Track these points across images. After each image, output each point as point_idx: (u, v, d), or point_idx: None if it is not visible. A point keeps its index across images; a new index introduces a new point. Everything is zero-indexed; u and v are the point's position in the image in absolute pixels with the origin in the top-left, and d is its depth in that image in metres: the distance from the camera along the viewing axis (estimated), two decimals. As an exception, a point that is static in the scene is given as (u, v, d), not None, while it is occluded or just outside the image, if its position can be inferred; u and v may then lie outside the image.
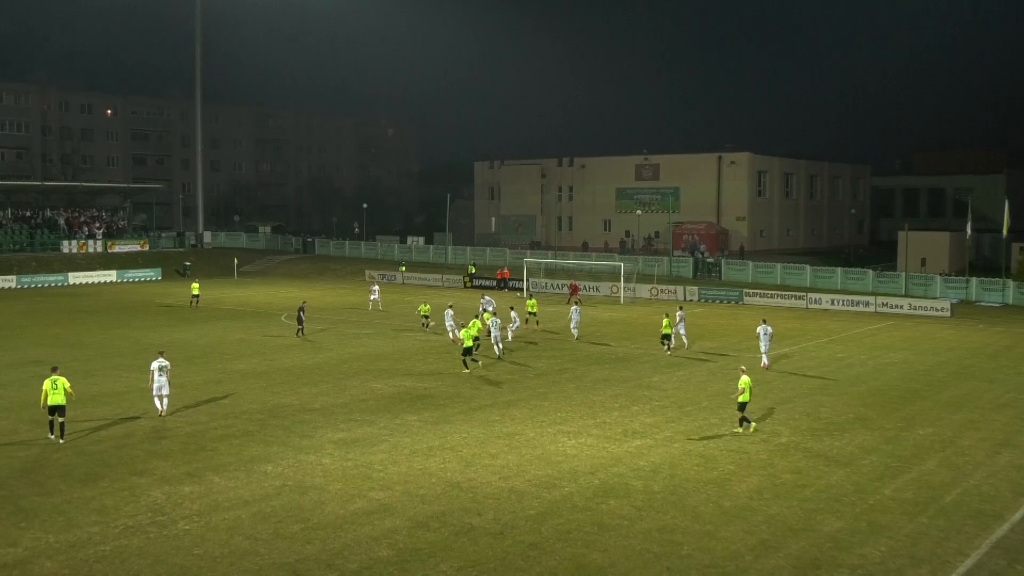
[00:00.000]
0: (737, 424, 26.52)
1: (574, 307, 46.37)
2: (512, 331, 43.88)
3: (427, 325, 47.96)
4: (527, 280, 68.23)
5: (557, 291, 69.13)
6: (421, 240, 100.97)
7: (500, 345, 39.43)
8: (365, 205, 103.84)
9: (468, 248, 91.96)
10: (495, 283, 72.06)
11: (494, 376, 35.06)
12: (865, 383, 34.52)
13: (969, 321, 54.61)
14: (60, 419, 24.83)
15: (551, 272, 76.26)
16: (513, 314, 44.51)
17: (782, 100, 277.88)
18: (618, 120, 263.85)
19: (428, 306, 49.21)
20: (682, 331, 42.44)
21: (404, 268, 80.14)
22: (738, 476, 22.18)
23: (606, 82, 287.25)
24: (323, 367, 36.83)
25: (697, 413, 28.84)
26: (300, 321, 45.14)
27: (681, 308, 45.08)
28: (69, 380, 25.67)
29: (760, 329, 37.91)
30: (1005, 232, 70.49)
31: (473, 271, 76.27)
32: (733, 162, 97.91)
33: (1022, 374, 36.94)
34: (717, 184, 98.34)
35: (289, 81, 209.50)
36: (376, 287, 60.25)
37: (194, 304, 57.92)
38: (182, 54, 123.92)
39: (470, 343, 35.95)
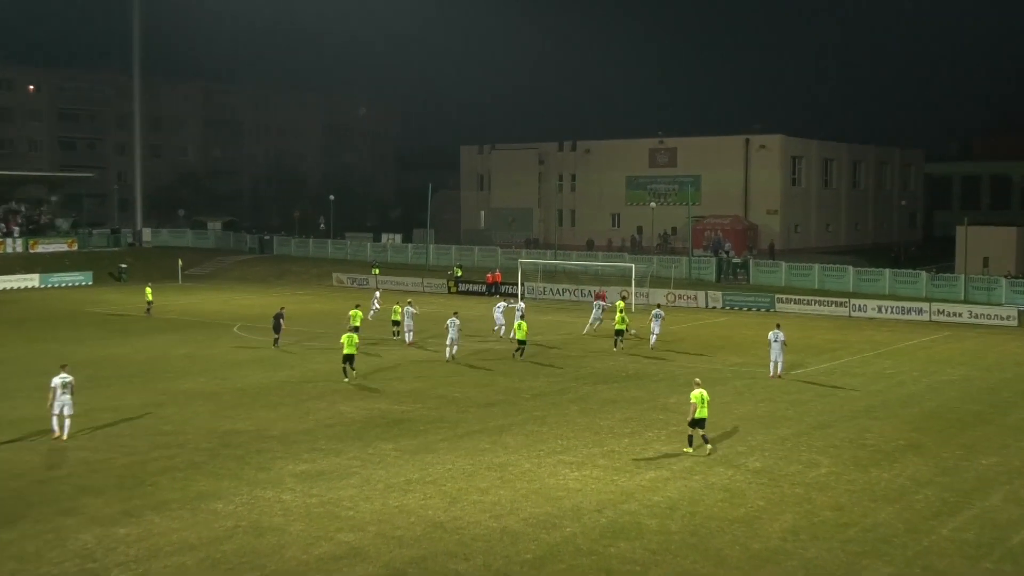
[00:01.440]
0: (687, 443, 27.41)
1: (598, 302, 52.40)
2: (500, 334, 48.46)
3: (398, 333, 48.47)
4: (522, 285, 68.24)
5: (558, 297, 69.17)
6: (398, 238, 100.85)
7: (455, 348, 43.04)
8: (332, 197, 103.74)
9: (453, 247, 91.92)
10: (484, 288, 72.08)
11: (484, 397, 35.05)
12: (918, 404, 34.57)
13: (1039, 331, 54.76)
14: None
15: (550, 275, 76.28)
16: (500, 306, 50.43)
17: (820, 74, 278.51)
18: (629, 97, 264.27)
19: (399, 308, 49.51)
20: (656, 330, 46.54)
21: (377, 271, 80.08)
22: (769, 513, 22.17)
23: (615, 53, 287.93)
24: (283, 387, 36.76)
25: (722, 440, 28.83)
26: (277, 330, 46.33)
27: (659, 307, 49.61)
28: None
29: (771, 335, 39.51)
30: (1081, 227, 70.71)
31: (459, 274, 76.29)
32: (763, 146, 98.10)
33: (1101, 393, 37.02)
34: (744, 172, 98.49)
35: (244, 52, 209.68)
36: (378, 293, 61.23)
37: (149, 312, 58.10)
38: (119, 20, 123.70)
39: (352, 349, 37.67)
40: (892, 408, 33.81)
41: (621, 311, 47.39)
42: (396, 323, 48.77)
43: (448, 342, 43.02)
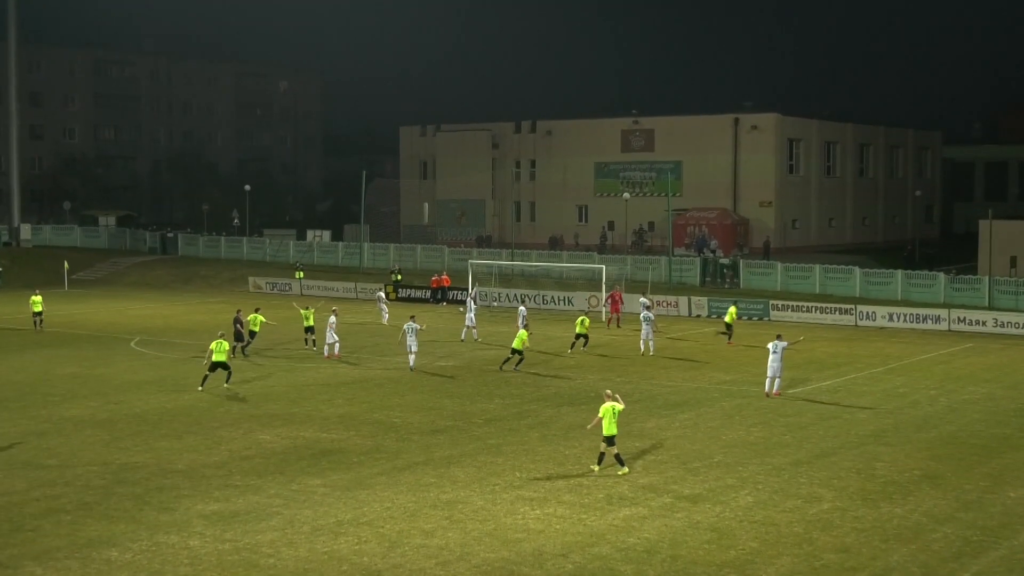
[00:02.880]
0: (596, 461, 28.68)
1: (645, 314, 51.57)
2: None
3: (312, 342, 49.10)
4: (472, 289, 68.18)
5: (516, 305, 69.02)
6: (326, 235, 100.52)
7: (413, 354, 44.57)
8: (248, 187, 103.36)
9: (392, 246, 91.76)
10: (429, 294, 72.01)
11: (428, 422, 35.00)
12: (936, 428, 34.90)
13: (1075, 342, 55.46)
14: None
15: (507, 279, 76.21)
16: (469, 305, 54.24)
17: (820, 43, 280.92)
18: (598, 70, 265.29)
19: (312, 310, 50.03)
20: (650, 336, 49.58)
21: (302, 274, 79.89)
22: (764, 557, 22.30)
23: (581, 19, 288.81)
24: (190, 412, 36.52)
25: (708, 471, 28.97)
26: (239, 337, 47.59)
27: (649, 308, 52.20)
28: None
29: (771, 346, 39.75)
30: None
31: (399, 278, 76.14)
32: (755, 126, 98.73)
33: None
34: (733, 157, 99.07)
35: (143, 15, 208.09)
36: (382, 293, 64.66)
37: (39, 326, 57.31)
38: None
39: (222, 356, 39.47)
40: (905, 432, 34.09)
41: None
42: (308, 329, 49.61)
43: (408, 350, 44.23)
